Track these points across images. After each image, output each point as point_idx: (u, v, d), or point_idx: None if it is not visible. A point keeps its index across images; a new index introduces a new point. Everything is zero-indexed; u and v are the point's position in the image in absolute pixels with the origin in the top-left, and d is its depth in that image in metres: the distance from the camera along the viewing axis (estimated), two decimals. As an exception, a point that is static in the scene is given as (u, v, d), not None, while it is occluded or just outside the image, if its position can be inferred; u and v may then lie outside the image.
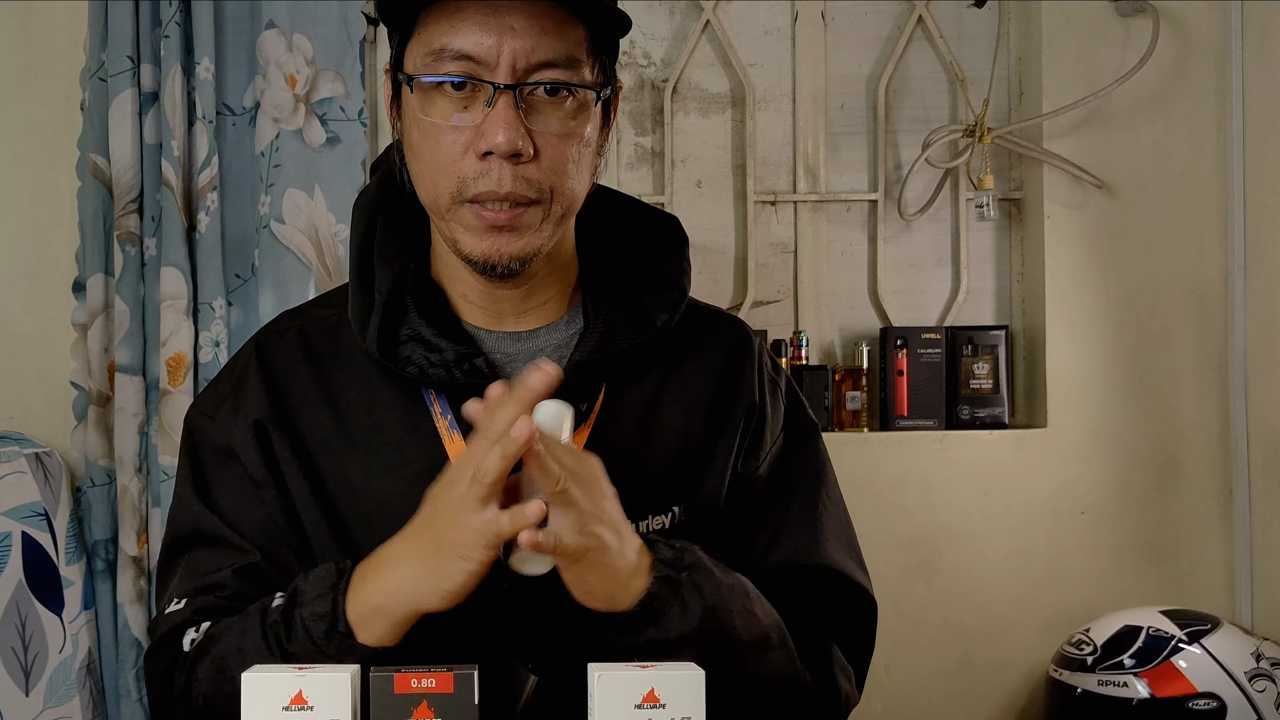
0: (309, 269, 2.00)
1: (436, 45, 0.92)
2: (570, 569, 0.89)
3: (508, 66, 0.91)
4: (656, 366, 1.04)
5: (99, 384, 1.96)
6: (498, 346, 1.02)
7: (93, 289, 1.95)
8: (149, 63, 1.94)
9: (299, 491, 1.00)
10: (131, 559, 1.94)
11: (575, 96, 0.94)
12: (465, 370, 0.98)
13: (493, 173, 0.92)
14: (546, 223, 0.95)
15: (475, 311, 1.03)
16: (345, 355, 1.03)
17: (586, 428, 0.99)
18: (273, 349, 1.05)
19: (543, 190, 0.94)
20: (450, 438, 0.98)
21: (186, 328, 1.93)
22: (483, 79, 0.92)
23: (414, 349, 0.98)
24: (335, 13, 2.03)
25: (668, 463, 1.02)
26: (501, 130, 0.91)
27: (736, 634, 0.94)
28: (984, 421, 2.16)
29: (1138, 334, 2.16)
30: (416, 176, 0.98)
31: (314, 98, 2.02)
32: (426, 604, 0.88)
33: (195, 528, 1.02)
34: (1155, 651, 1.86)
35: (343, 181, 2.02)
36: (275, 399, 1.02)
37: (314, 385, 1.03)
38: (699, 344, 1.08)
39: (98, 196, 1.95)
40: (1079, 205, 2.16)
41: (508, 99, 0.91)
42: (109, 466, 1.96)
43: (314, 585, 0.92)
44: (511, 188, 0.92)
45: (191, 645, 0.96)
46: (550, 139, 0.93)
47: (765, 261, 2.22)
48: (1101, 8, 2.14)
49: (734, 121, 2.24)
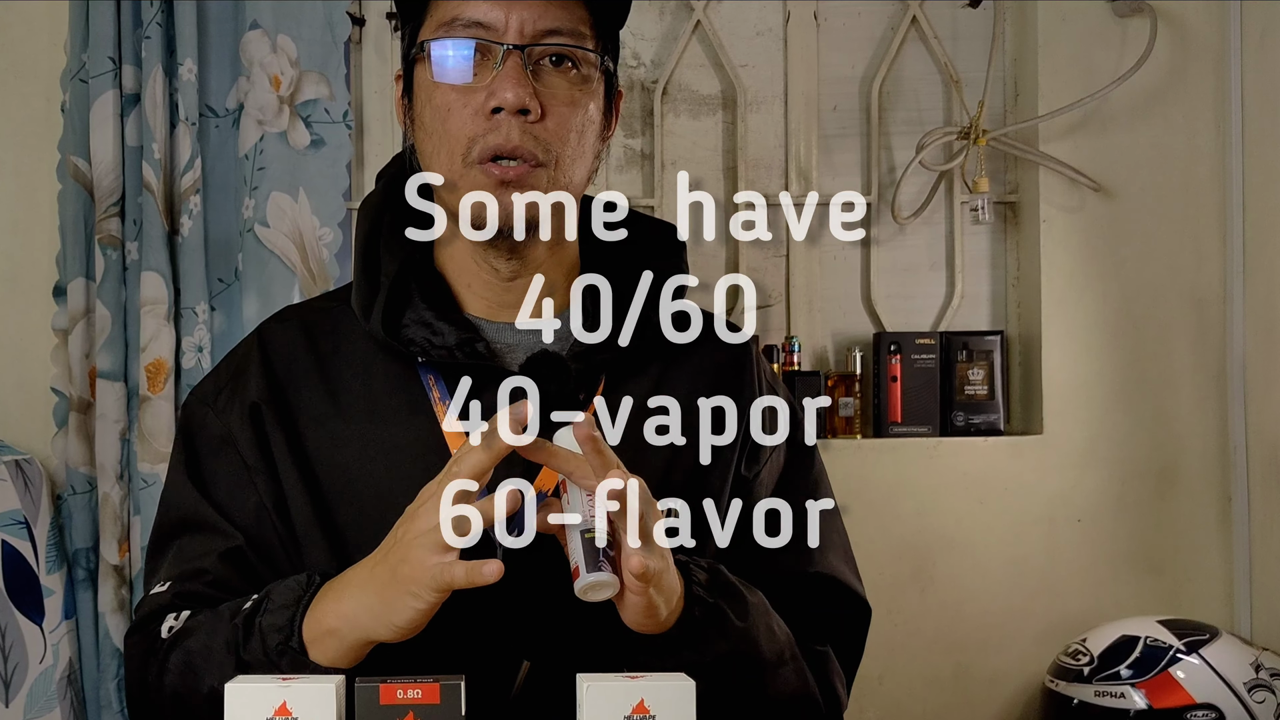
0: (293, 273, 1.99)
1: (449, 17, 0.98)
2: (644, 593, 0.87)
3: (516, 30, 0.97)
4: (654, 362, 1.06)
5: (80, 390, 1.95)
6: (498, 336, 1.04)
7: (73, 293, 1.95)
8: (131, 64, 1.94)
9: (286, 472, 1.02)
10: (113, 568, 1.93)
11: (580, 70, 0.99)
12: (466, 353, 1.00)
13: (501, 128, 0.96)
14: (552, 189, 0.97)
15: (478, 303, 1.05)
16: (345, 340, 1.06)
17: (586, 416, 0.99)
18: (273, 335, 1.08)
19: (549, 153, 0.97)
20: (448, 422, 1.00)
21: (167, 333, 1.93)
22: (492, 41, 0.97)
23: (417, 330, 1.01)
24: (320, 13, 2.02)
25: (665, 459, 1.01)
26: (510, 86, 0.95)
27: (762, 653, 0.96)
28: (979, 428, 2.14)
29: (1135, 339, 2.14)
30: (430, 157, 1.00)
31: (298, 99, 2.01)
32: (377, 635, 0.88)
33: (187, 514, 1.04)
34: (1153, 662, 1.85)
35: (327, 184, 2.01)
36: (272, 381, 1.04)
37: (312, 365, 1.05)
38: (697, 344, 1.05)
39: (78, 200, 1.95)
40: (1075, 208, 2.15)
41: (516, 58, 0.96)
42: (90, 474, 1.96)
43: (280, 595, 0.93)
44: (520, 141, 0.96)
45: (169, 633, 0.98)
46: (556, 104, 0.98)
47: (757, 265, 2.21)
48: (1098, 8, 2.13)
49: (725, 123, 2.23)
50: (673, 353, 1.06)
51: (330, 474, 1.02)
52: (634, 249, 1.08)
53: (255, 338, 1.09)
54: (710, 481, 1.05)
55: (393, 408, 1.02)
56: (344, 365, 1.05)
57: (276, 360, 1.06)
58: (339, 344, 1.06)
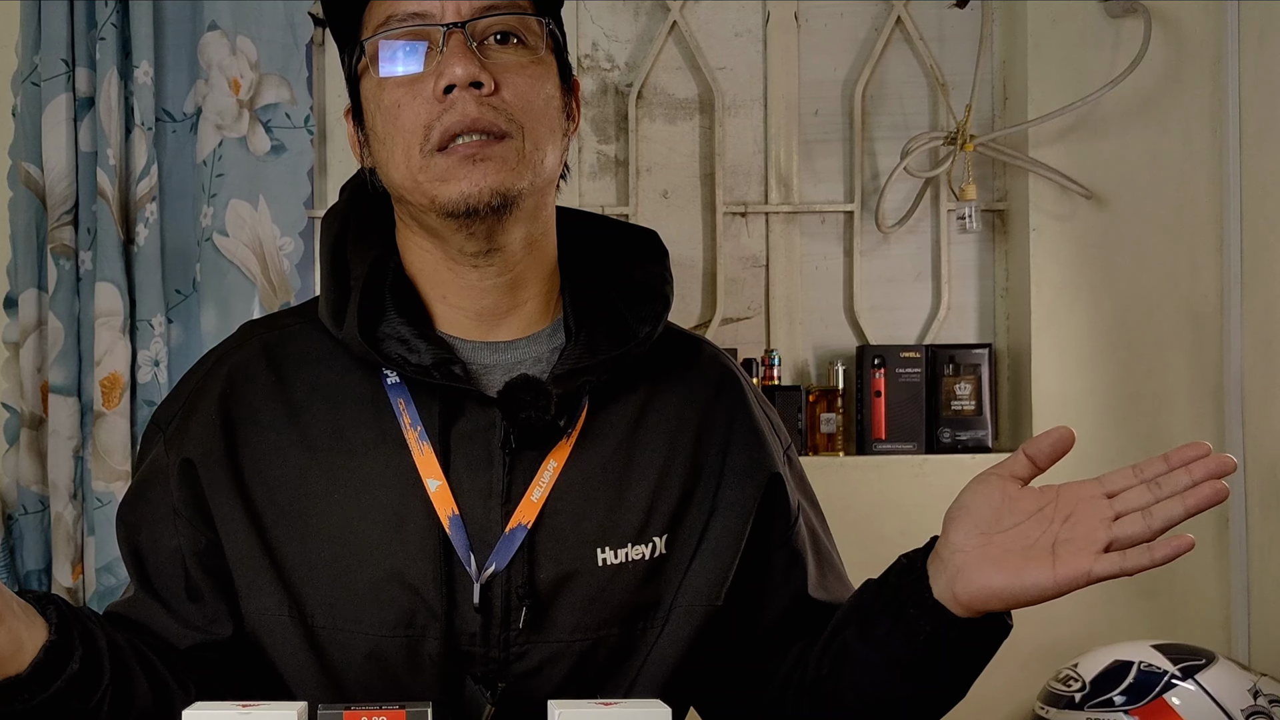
0: (253, 284, 1.99)
1: (383, 16, 0.96)
2: None
3: (454, 12, 0.95)
4: (640, 386, 1.04)
5: (32, 405, 1.94)
6: (475, 356, 1.02)
7: (25, 305, 1.94)
8: (84, 66, 1.94)
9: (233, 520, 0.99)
10: (66, 590, 1.91)
11: (526, 44, 0.97)
12: (443, 374, 0.97)
13: (456, 105, 0.93)
14: (522, 164, 0.95)
15: (455, 315, 1.02)
16: (310, 364, 1.03)
17: (568, 444, 0.99)
18: (232, 361, 1.04)
19: (512, 122, 0.95)
20: (419, 448, 0.97)
21: (122, 346, 1.92)
22: (432, 25, 0.95)
23: (393, 346, 0.98)
24: (281, 14, 2.02)
25: (649, 490, 1.01)
26: (458, 63, 0.93)
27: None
28: (966, 445, 2.13)
29: (1128, 353, 2.12)
30: (387, 163, 0.98)
31: (258, 103, 2.01)
32: None
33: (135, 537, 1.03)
34: (1147, 688, 1.82)
35: (289, 192, 2.01)
36: (225, 419, 1.01)
37: (274, 392, 1.02)
38: (682, 370, 1.08)
39: (30, 207, 1.94)
40: (1066, 217, 2.13)
41: (459, 36, 0.94)
42: (42, 493, 1.95)
43: None
44: (478, 113, 0.93)
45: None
46: (509, 76, 0.95)
47: (735, 276, 2.20)
48: (1090, 8, 2.11)
49: (702, 128, 2.22)
50: (659, 374, 1.05)
51: (290, 507, 0.98)
52: (615, 258, 1.08)
53: (212, 370, 1.05)
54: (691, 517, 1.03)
55: (360, 434, 0.99)
56: (308, 388, 1.01)
57: (235, 391, 1.02)
58: (303, 365, 1.03)
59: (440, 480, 0.96)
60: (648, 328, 1.03)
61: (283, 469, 0.99)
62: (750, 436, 1.06)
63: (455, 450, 0.97)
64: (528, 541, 0.96)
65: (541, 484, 0.97)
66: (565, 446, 0.99)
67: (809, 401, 2.13)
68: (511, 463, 0.97)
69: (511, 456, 0.97)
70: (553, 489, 0.97)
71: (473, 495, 0.96)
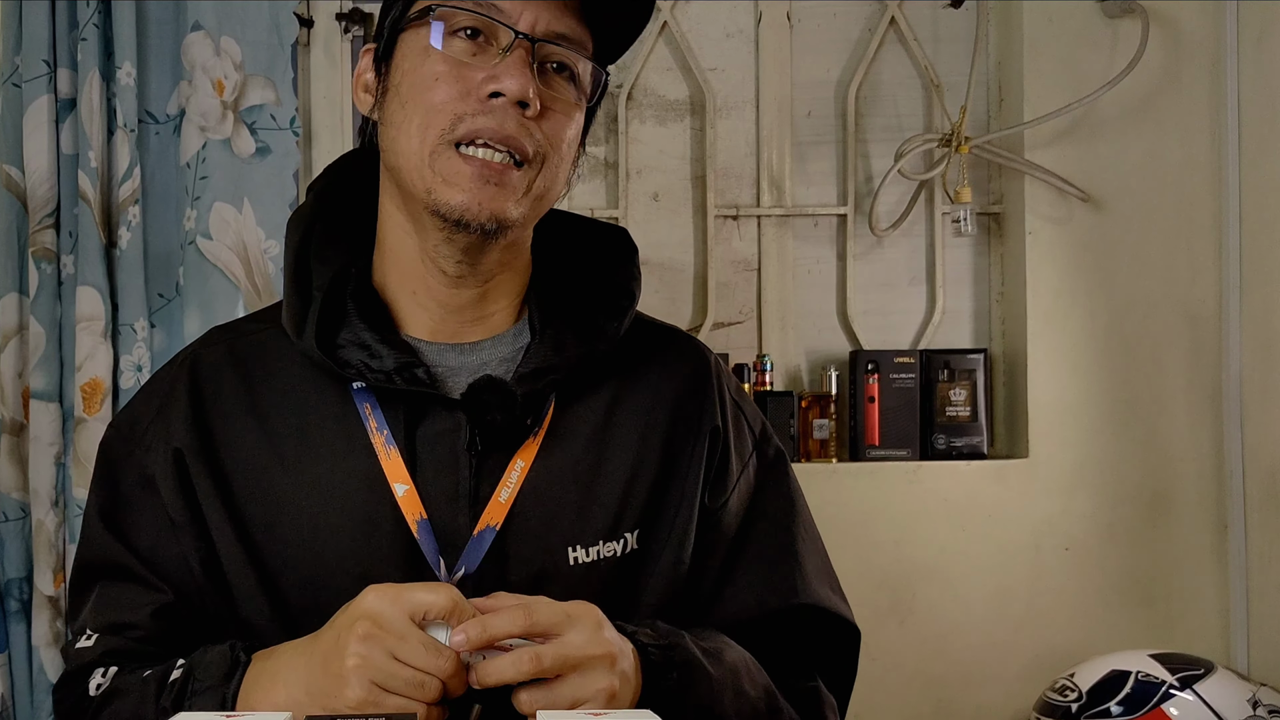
0: (237, 288, 1.97)
1: None
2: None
3: (528, 23, 0.95)
4: (609, 381, 1.05)
5: (12, 411, 1.92)
6: (440, 359, 1.02)
7: (6, 309, 1.92)
8: (66, 67, 1.92)
9: (216, 522, 0.99)
10: (47, 599, 1.90)
11: (576, 85, 0.98)
12: (406, 378, 0.98)
13: (496, 114, 0.93)
14: (527, 196, 0.96)
15: (422, 318, 1.03)
16: (276, 370, 1.03)
17: (535, 443, 0.99)
18: (200, 364, 1.05)
19: (539, 152, 0.96)
20: (386, 453, 0.98)
21: (104, 351, 1.90)
22: (505, 24, 0.95)
23: (354, 352, 0.99)
24: (265, 15, 1.99)
25: (621, 486, 1.02)
26: (516, 76, 0.93)
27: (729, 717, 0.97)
28: (961, 451, 2.13)
29: (1126, 358, 2.13)
30: (399, 128, 0.97)
31: (243, 105, 1.99)
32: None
33: (111, 559, 1.02)
34: (1145, 698, 1.82)
35: (274, 195, 1.99)
36: (200, 422, 1.02)
37: (241, 397, 1.03)
38: (654, 362, 1.08)
39: (11, 210, 1.93)
40: (1063, 220, 2.12)
41: (524, 49, 0.94)
42: (23, 500, 1.94)
43: (206, 674, 0.91)
44: (514, 132, 0.94)
45: (97, 691, 0.96)
46: (553, 107, 0.96)
47: (727, 280, 2.20)
48: (1087, 8, 2.12)
49: (693, 130, 2.21)
50: (629, 368, 1.06)
51: (263, 514, 0.99)
52: (584, 255, 1.09)
53: (180, 368, 1.06)
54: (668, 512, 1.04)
55: (327, 441, 1.00)
56: (275, 395, 1.02)
57: (203, 393, 1.03)
58: (269, 371, 1.03)
59: (408, 484, 0.96)
60: (613, 323, 1.03)
61: (252, 476, 1.00)
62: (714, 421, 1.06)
63: (422, 454, 0.97)
64: (497, 543, 0.96)
65: (509, 484, 0.97)
66: (533, 446, 0.99)
67: (802, 407, 2.13)
68: (478, 464, 0.97)
69: (478, 458, 0.97)
70: (520, 489, 0.97)
71: (440, 499, 0.96)
